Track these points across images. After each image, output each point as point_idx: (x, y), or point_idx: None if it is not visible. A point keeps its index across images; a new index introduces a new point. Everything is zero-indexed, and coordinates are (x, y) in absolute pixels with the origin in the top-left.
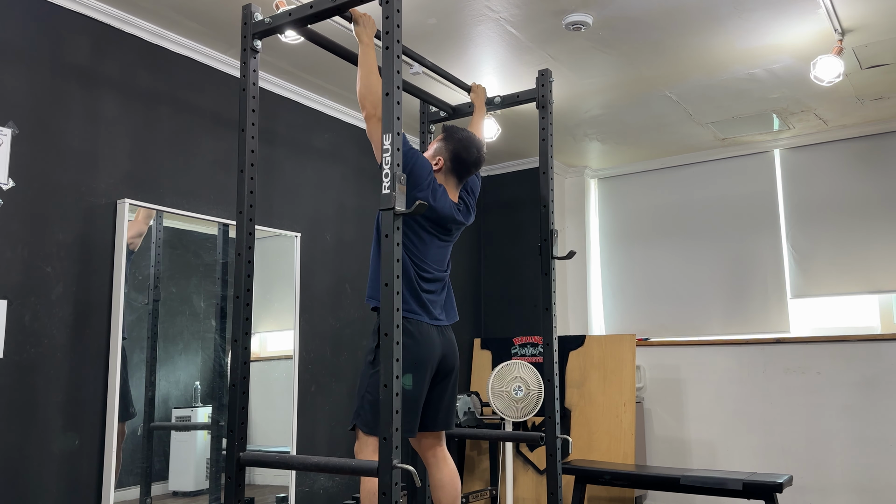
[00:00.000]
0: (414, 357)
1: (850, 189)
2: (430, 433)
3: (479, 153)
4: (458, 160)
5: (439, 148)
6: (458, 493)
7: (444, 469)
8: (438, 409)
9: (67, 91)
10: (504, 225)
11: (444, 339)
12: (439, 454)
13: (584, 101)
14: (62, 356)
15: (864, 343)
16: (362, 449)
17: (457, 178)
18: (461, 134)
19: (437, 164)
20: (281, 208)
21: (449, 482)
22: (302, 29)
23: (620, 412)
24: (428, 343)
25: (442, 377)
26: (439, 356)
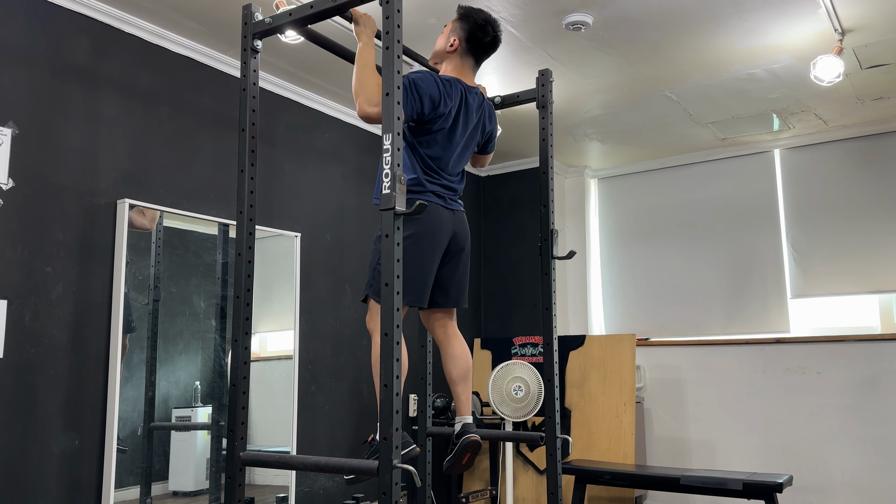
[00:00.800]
0: (423, 227)
1: (850, 189)
2: (441, 309)
3: (496, 33)
4: (474, 40)
5: (454, 28)
6: (469, 365)
7: (454, 343)
8: (450, 286)
9: (67, 91)
10: (504, 225)
11: (456, 218)
12: (450, 330)
13: (584, 101)
14: (62, 356)
15: (864, 343)
16: (374, 317)
17: (473, 59)
18: (478, 14)
19: (451, 45)
20: (281, 208)
21: (460, 354)
22: (302, 29)
23: (620, 412)
24: (438, 219)
25: (453, 254)
26: (450, 232)
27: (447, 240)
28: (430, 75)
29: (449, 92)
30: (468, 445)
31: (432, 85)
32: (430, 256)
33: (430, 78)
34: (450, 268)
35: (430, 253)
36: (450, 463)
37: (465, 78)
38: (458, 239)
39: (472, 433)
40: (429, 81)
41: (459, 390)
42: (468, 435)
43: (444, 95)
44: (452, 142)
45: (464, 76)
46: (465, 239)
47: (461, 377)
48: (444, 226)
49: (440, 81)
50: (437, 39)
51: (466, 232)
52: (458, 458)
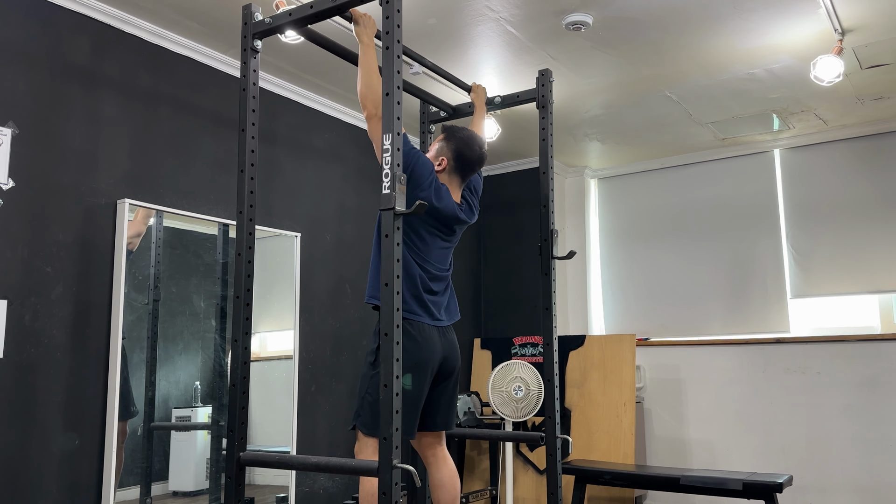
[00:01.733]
0: (415, 359)
1: (850, 189)
2: (429, 433)
3: (482, 150)
4: (461, 159)
5: (441, 148)
6: (458, 493)
7: (443, 469)
8: (438, 410)
9: (67, 91)
10: (504, 225)
11: (446, 340)
12: (439, 454)
13: (584, 101)
14: (62, 356)
15: (864, 343)
16: (362, 450)
17: (460, 177)
18: (463, 133)
19: (440, 164)
20: (281, 208)
21: (449, 482)
22: (302, 29)
23: (620, 412)
24: (429, 345)
25: (443, 378)
26: (440, 358)
27: (437, 365)
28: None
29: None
30: None
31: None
32: (420, 388)
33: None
34: (439, 391)
35: (420, 384)
36: None
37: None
38: (449, 362)
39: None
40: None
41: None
42: None
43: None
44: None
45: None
46: (456, 361)
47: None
48: (434, 353)
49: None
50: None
51: (456, 354)
52: None
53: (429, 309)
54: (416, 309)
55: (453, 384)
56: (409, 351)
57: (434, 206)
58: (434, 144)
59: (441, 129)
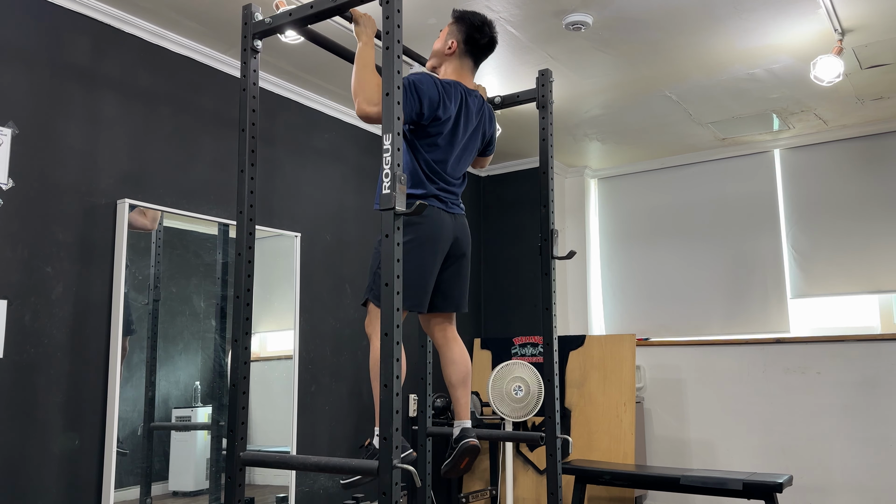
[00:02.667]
0: (425, 232)
1: (850, 189)
2: (440, 314)
3: (492, 33)
4: (472, 41)
5: (451, 31)
6: (469, 369)
7: (454, 347)
8: (450, 290)
9: (67, 91)
10: (504, 225)
11: (457, 223)
12: (449, 334)
13: (584, 101)
14: (62, 356)
15: (864, 343)
16: (373, 321)
17: (472, 60)
18: (473, 17)
19: (450, 47)
20: (281, 208)
21: (459, 358)
22: (302, 29)
23: (620, 412)
24: (439, 223)
25: (454, 259)
26: (451, 237)
27: (448, 244)
28: (430, 77)
29: (449, 94)
30: (467, 450)
31: (432, 87)
32: (430, 261)
33: (430, 80)
34: (451, 272)
35: (431, 258)
36: (448, 467)
37: (464, 80)
38: (460, 244)
39: (471, 437)
40: (428, 83)
41: (459, 394)
42: (467, 439)
43: (443, 98)
44: (453, 145)
45: (463, 78)
46: (467, 244)
47: (460, 381)
48: (445, 230)
49: (440, 84)
50: (435, 42)
51: (467, 236)
52: (457, 463)
53: (441, 198)
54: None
55: (465, 266)
56: (420, 225)
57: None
58: (444, 30)
59: (452, 13)
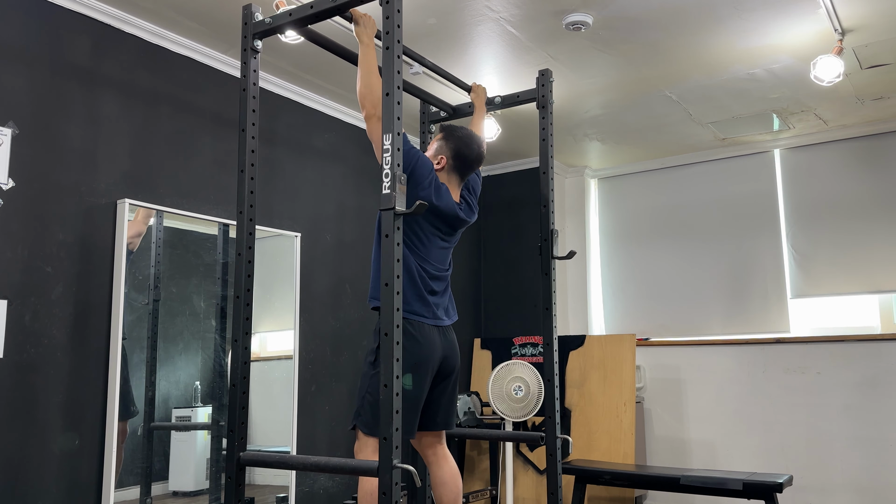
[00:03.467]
0: (415, 358)
1: (850, 189)
2: (430, 433)
3: (480, 149)
4: (460, 157)
5: (440, 147)
6: (460, 491)
7: (444, 467)
8: (438, 409)
9: (67, 91)
10: (504, 225)
11: (446, 340)
12: (440, 452)
13: (584, 101)
14: (62, 356)
15: (864, 343)
16: (362, 449)
17: (459, 175)
18: (461, 132)
19: (438, 163)
20: (281, 208)
21: (450, 479)
22: (302, 29)
23: (620, 412)
24: (429, 344)
25: (443, 378)
26: (440, 357)
27: (437, 365)
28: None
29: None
30: None
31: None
32: (420, 387)
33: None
34: (439, 391)
35: (421, 384)
36: None
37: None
38: (449, 362)
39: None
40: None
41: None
42: None
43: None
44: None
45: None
46: (455, 361)
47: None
48: (434, 353)
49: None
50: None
51: (456, 354)
52: None
53: (430, 308)
54: (417, 308)
55: (453, 384)
56: (410, 350)
57: (434, 205)
58: (433, 143)
59: (439, 129)
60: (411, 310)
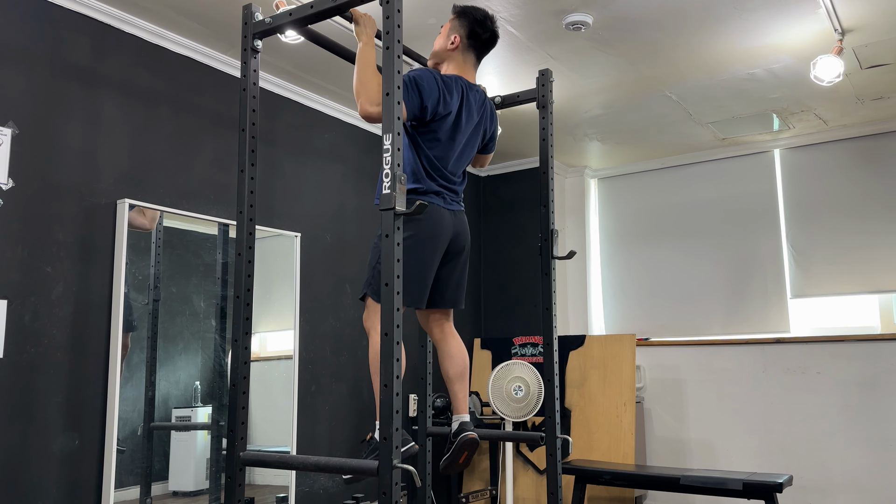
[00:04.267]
0: (424, 229)
1: (850, 189)
2: (438, 310)
3: (494, 27)
4: (474, 36)
5: (454, 26)
6: (467, 364)
7: (451, 342)
8: (447, 287)
9: (67, 91)
10: (504, 225)
11: (457, 220)
12: (446, 329)
13: (584, 101)
14: (62, 356)
15: (864, 343)
16: (371, 316)
17: (475, 54)
18: (475, 12)
19: (452, 42)
20: (281, 208)
21: (457, 352)
22: (302, 29)
23: (620, 412)
24: (440, 221)
25: (453, 256)
26: (450, 234)
27: (447, 241)
28: (431, 73)
29: (450, 89)
30: (465, 444)
31: (433, 83)
32: (429, 258)
33: (431, 76)
34: (449, 269)
35: (430, 254)
36: (447, 462)
37: (466, 75)
38: (459, 240)
39: (470, 431)
40: (429, 79)
41: (457, 389)
42: (466, 433)
43: (444, 94)
44: (455, 141)
45: (466, 73)
46: (466, 240)
47: (458, 376)
48: (444, 227)
49: (441, 80)
50: (436, 40)
51: (467, 233)
52: (456, 457)
53: (441, 194)
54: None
55: (463, 263)
56: (419, 222)
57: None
58: (446, 25)
59: (453, 9)
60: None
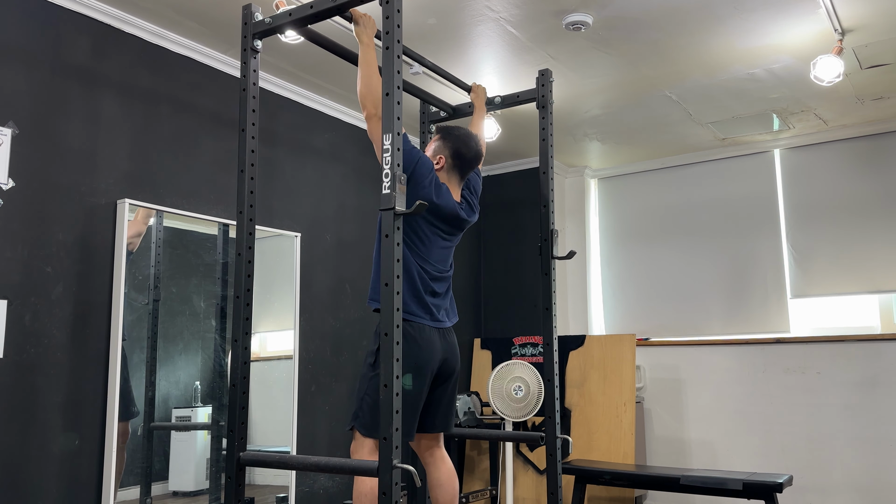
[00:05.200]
0: (415, 360)
1: (850, 189)
2: (428, 435)
3: (478, 147)
4: (459, 156)
5: (438, 147)
6: (457, 492)
7: (441, 469)
8: (437, 411)
9: (67, 91)
10: (504, 225)
11: (446, 342)
12: (437, 454)
13: (584, 101)
14: (62, 356)
15: (864, 343)
16: (358, 450)
17: (459, 174)
18: (458, 131)
19: (438, 162)
20: (281, 208)
21: (447, 481)
22: (302, 29)
23: (620, 412)
24: (429, 347)
25: (442, 380)
26: (440, 360)
27: (437, 367)
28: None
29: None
30: None
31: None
32: (420, 390)
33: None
34: (438, 393)
35: (420, 386)
36: None
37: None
38: (449, 364)
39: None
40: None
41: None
42: None
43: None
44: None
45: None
46: (455, 363)
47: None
48: (434, 355)
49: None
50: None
51: (457, 356)
52: None
53: (429, 310)
54: (417, 310)
55: (452, 386)
56: (410, 352)
57: (435, 204)
58: (431, 144)
59: (436, 130)
60: (411, 311)
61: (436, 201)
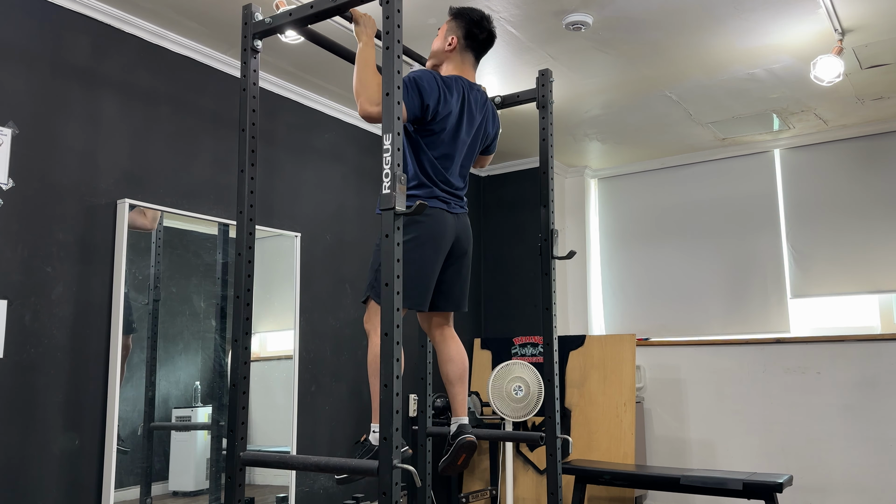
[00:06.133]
0: (426, 231)
1: (850, 189)
2: (440, 312)
3: (491, 27)
4: (472, 36)
5: (451, 27)
6: (466, 366)
7: (451, 345)
8: (451, 290)
9: (67, 91)
10: (504, 225)
11: (459, 222)
12: (447, 332)
13: (584, 101)
14: (62, 356)
15: (864, 343)
16: (371, 317)
17: (473, 55)
18: (472, 13)
19: (450, 43)
20: (281, 208)
21: (457, 356)
22: (302, 29)
23: (620, 412)
24: (441, 222)
25: (455, 258)
26: (453, 236)
27: (450, 243)
28: (431, 73)
29: (450, 89)
30: (464, 446)
31: (433, 82)
32: (432, 260)
33: (431, 76)
34: (452, 272)
35: (433, 256)
36: (445, 463)
37: (466, 75)
38: (461, 243)
39: (468, 434)
40: (429, 79)
41: (456, 391)
42: (464, 436)
43: (444, 93)
44: (457, 141)
45: (465, 73)
46: (468, 243)
47: (458, 379)
48: (447, 229)
49: (441, 79)
50: (434, 41)
51: (469, 236)
52: (454, 459)
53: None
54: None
55: (466, 265)
56: (423, 223)
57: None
58: (443, 27)
59: (450, 11)
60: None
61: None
